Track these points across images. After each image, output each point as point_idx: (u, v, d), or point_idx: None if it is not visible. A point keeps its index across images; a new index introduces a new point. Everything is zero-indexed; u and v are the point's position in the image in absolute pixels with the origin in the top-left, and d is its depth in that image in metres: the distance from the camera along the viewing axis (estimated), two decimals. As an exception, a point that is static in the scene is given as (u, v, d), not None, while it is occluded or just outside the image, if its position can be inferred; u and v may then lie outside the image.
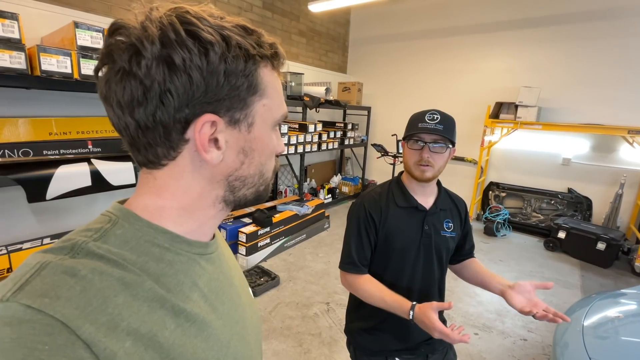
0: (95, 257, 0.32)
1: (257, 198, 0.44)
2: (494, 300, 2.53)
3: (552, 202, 3.93)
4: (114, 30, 0.34)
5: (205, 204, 0.41)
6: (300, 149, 3.63)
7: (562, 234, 3.40)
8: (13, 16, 1.59)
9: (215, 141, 0.37)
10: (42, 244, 2.06)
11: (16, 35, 1.60)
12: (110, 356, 0.28)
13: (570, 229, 3.35)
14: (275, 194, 4.19)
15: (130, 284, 0.33)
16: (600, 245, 3.13)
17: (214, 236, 0.47)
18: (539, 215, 4.00)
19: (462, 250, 1.14)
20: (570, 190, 3.80)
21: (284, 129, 3.40)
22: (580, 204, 3.73)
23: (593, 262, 3.21)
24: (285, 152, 3.47)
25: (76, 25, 1.74)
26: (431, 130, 0.92)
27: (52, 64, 1.68)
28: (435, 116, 0.94)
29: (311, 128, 3.74)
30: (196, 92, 0.34)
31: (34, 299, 0.27)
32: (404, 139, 1.00)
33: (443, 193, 1.07)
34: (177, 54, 0.32)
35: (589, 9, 3.49)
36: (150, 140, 0.36)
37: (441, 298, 1.09)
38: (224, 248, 0.54)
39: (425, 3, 4.44)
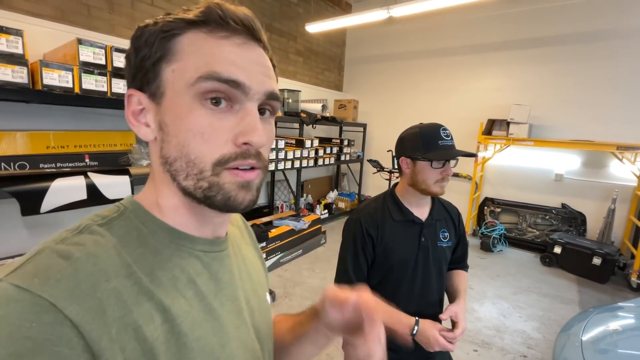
0: (97, 235, 0.34)
1: (207, 199, 0.36)
2: (492, 316, 2.50)
3: (547, 217, 3.96)
4: None
5: (174, 194, 0.38)
6: (297, 164, 3.66)
7: (557, 249, 3.40)
8: (18, 32, 1.63)
9: (144, 118, 0.38)
10: (33, 259, 2.02)
11: (20, 51, 1.63)
12: (96, 339, 0.28)
13: (566, 244, 3.36)
14: (271, 209, 4.18)
15: (122, 273, 0.33)
16: (596, 260, 3.14)
17: (226, 234, 0.46)
18: (535, 230, 4.02)
19: (452, 257, 1.13)
20: (564, 206, 3.84)
21: (281, 144, 3.41)
22: (574, 219, 3.76)
23: (590, 277, 3.21)
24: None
25: (79, 41, 1.78)
26: (451, 147, 0.94)
27: (54, 78, 1.71)
28: (448, 132, 0.95)
29: (308, 144, 3.78)
30: (126, 72, 0.39)
31: (24, 279, 0.28)
32: (422, 158, 0.93)
33: (437, 203, 1.08)
34: (128, 49, 0.38)
35: (578, 32, 3.65)
36: None
37: (441, 309, 1.09)
38: (242, 247, 0.53)
39: (418, 25, 4.62)
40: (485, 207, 4.32)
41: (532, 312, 2.59)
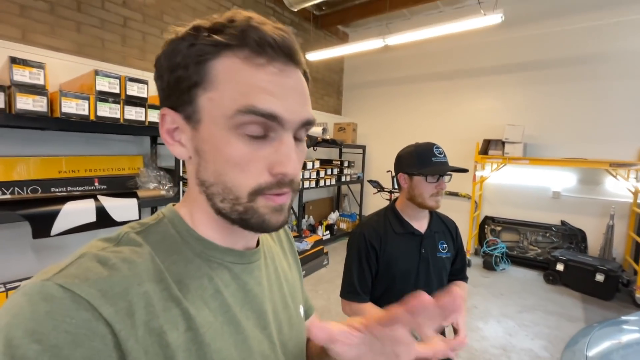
0: (134, 245, 0.36)
1: (242, 221, 0.37)
2: (498, 335, 2.48)
3: (547, 234, 3.98)
4: None
5: (209, 211, 0.39)
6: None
7: (560, 267, 3.40)
8: (40, 65, 1.75)
9: (180, 137, 0.38)
10: (40, 282, 2.04)
11: (41, 82, 1.75)
12: (125, 338, 0.30)
13: (568, 261, 3.36)
14: (273, 230, 4.19)
15: (153, 278, 0.35)
16: (599, 277, 3.13)
17: (258, 244, 0.47)
18: (536, 248, 4.02)
19: (451, 268, 1.17)
20: (563, 223, 3.88)
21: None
22: (574, 236, 3.78)
23: (594, 294, 3.19)
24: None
25: (96, 72, 1.91)
26: (444, 163, 1.02)
27: (72, 107, 1.82)
28: (441, 149, 1.04)
29: (309, 165, 3.88)
30: (160, 90, 0.38)
31: (66, 280, 0.30)
32: (418, 173, 1.02)
33: (435, 216, 1.15)
34: (156, 63, 0.38)
35: (566, 56, 3.84)
36: None
37: None
38: (276, 257, 0.52)
39: (413, 52, 4.85)
40: (486, 226, 4.34)
41: (539, 330, 2.57)
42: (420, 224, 1.10)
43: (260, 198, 0.36)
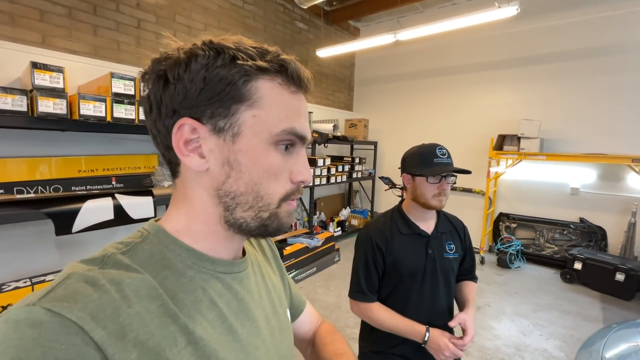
0: (121, 268, 0.35)
1: (261, 228, 0.40)
2: (511, 334, 2.45)
3: (565, 232, 3.88)
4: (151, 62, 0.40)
5: (213, 221, 0.40)
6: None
7: (578, 265, 3.32)
8: (59, 69, 1.82)
9: (199, 148, 0.38)
10: (63, 276, 2.14)
11: (61, 85, 1.82)
12: None
13: (586, 260, 3.27)
14: (285, 227, 4.24)
15: (146, 296, 0.34)
16: (619, 276, 3.04)
17: (244, 254, 0.48)
18: (553, 245, 3.93)
19: (460, 269, 1.17)
20: (582, 220, 3.77)
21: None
22: (594, 234, 3.67)
23: (614, 294, 3.10)
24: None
25: (112, 75, 1.97)
26: (446, 164, 1.02)
27: (89, 109, 1.88)
28: (444, 150, 1.04)
29: (320, 162, 3.89)
30: (178, 99, 0.37)
31: (54, 303, 0.29)
32: (419, 174, 1.02)
33: (442, 217, 1.14)
34: (170, 70, 0.37)
35: (584, 47, 3.70)
36: (160, 147, 0.41)
37: (450, 318, 1.12)
38: (262, 265, 0.54)
39: (425, 46, 4.76)
40: (501, 223, 4.26)
41: (554, 330, 2.52)
42: (427, 224, 1.10)
43: (284, 204, 0.41)
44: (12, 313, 0.29)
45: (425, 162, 1.03)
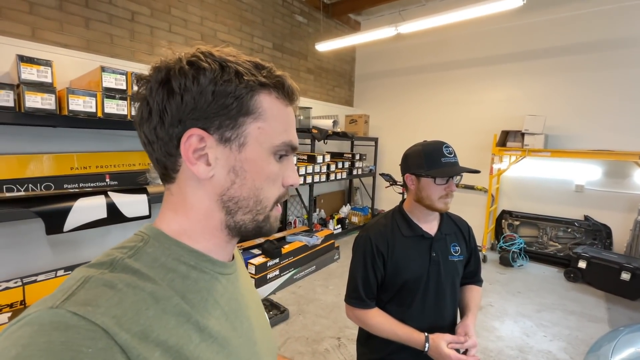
0: (130, 272, 0.36)
1: (256, 229, 0.44)
2: (514, 335, 2.40)
3: (569, 230, 3.81)
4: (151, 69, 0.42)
5: (213, 225, 0.42)
6: (309, 179, 3.68)
7: (582, 264, 3.25)
8: (47, 63, 1.75)
9: (205, 156, 0.40)
10: (56, 276, 2.09)
11: (49, 80, 1.75)
12: None
13: (591, 259, 3.21)
14: (284, 224, 4.19)
15: (160, 298, 0.35)
16: (625, 276, 2.98)
17: (233, 257, 0.50)
18: (557, 244, 3.86)
19: (464, 271, 1.11)
20: (586, 218, 3.70)
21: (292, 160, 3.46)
22: (599, 232, 3.60)
23: (619, 293, 3.04)
24: (298, 185, 3.52)
25: (102, 69, 1.90)
26: (454, 164, 0.95)
27: (79, 104, 1.81)
28: (451, 149, 0.97)
29: (320, 159, 3.82)
30: (186, 110, 0.38)
31: (79, 307, 0.30)
32: (426, 175, 0.95)
33: (445, 218, 1.08)
34: (175, 80, 0.38)
35: (590, 40, 3.61)
36: (157, 153, 0.41)
37: (455, 321, 1.07)
38: (242, 271, 0.56)
39: (427, 40, 4.67)
40: (503, 220, 4.20)
41: (558, 331, 2.47)
42: (430, 226, 1.04)
43: (275, 207, 0.45)
44: (34, 316, 0.29)
45: (432, 162, 0.95)
